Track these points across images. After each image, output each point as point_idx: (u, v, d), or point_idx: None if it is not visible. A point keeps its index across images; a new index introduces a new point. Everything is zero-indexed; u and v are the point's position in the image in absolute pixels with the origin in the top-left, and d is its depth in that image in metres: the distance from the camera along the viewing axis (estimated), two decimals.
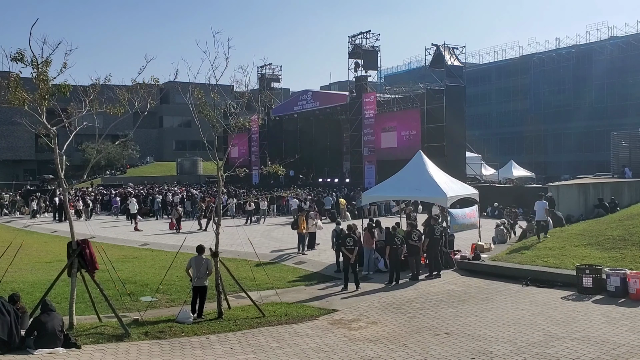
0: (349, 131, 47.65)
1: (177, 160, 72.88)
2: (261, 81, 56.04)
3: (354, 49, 45.14)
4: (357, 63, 45.12)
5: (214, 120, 13.02)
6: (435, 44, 40.45)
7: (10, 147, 77.03)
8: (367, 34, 45.21)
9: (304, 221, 21.43)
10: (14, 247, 13.02)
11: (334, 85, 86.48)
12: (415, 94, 41.82)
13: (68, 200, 13.25)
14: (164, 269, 15.35)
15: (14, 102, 11.27)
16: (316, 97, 52.91)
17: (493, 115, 71.18)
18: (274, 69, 57.46)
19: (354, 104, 45.87)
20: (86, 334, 10.50)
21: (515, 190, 36.09)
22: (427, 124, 39.18)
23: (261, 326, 11.59)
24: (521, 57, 66.77)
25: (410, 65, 78.57)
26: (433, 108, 38.78)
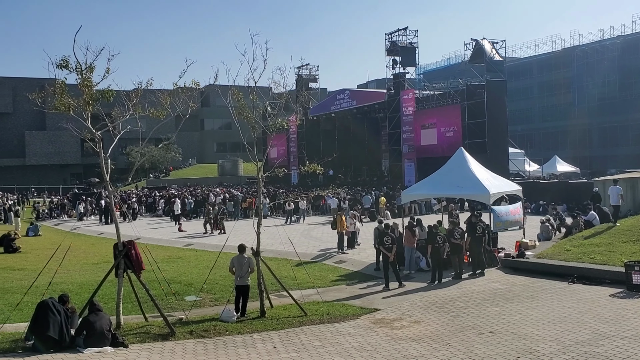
0: (388, 129, 47.40)
1: (219, 162, 73.90)
2: (298, 82, 56.30)
3: (391, 46, 44.89)
4: (394, 60, 44.86)
5: (253, 121, 13.14)
6: (475, 39, 39.88)
7: (58, 152, 79.48)
8: (404, 31, 44.90)
9: (343, 221, 21.41)
10: (62, 249, 13.41)
11: (371, 83, 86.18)
12: (455, 89, 41.28)
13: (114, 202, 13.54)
14: (207, 268, 15.58)
15: (60, 108, 11.56)
16: (353, 96, 52.81)
17: (535, 109, 69.66)
18: (311, 69, 57.65)
19: (392, 101, 45.61)
20: (133, 333, 10.73)
21: (560, 186, 35.27)
22: (467, 120, 38.64)
23: (303, 325, 11.64)
24: (563, 50, 65.16)
25: (449, 60, 77.60)
26: (474, 104, 38.23)
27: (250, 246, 12.99)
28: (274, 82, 14.21)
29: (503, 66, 39.70)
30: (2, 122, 79.34)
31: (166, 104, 12.60)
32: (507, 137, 39.94)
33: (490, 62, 38.55)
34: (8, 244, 22.85)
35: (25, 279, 15.61)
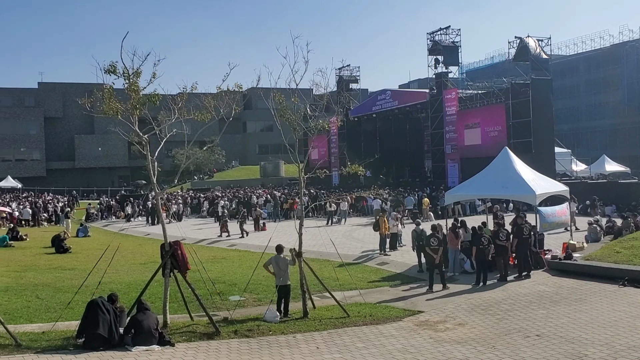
0: (430, 129, 46.93)
1: (260, 164, 74.63)
2: (339, 83, 56.32)
3: (433, 45, 44.47)
4: (437, 60, 44.42)
5: (295, 123, 13.23)
6: (519, 37, 39.09)
7: (106, 155, 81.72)
8: (446, 30, 44.42)
9: (385, 222, 21.31)
10: (111, 249, 13.78)
11: (413, 83, 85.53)
12: (499, 88, 40.56)
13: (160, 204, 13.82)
14: (250, 268, 15.75)
15: (108, 112, 11.89)
16: (395, 96, 52.50)
17: (582, 108, 67.73)
18: (352, 70, 57.59)
19: (434, 101, 45.15)
20: (179, 332, 10.94)
21: (609, 186, 34.22)
22: (512, 120, 37.92)
23: (346, 326, 11.65)
24: (612, 46, 63.18)
25: (493, 59, 76.29)
26: (518, 103, 37.49)
27: (292, 247, 13.09)
28: (315, 84, 14.28)
29: (548, 64, 38.75)
30: (53, 126, 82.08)
31: (210, 107, 12.80)
32: (554, 136, 39.01)
33: (535, 60, 37.72)
34: (59, 244, 23.62)
35: (75, 279, 16.09)
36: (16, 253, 23.15)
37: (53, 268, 18.98)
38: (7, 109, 79.65)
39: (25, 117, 79.98)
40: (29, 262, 20.54)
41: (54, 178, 77.92)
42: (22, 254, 22.96)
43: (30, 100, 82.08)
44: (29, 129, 79.87)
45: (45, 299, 13.69)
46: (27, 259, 21.45)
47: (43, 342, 9.92)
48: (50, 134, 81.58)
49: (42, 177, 77.63)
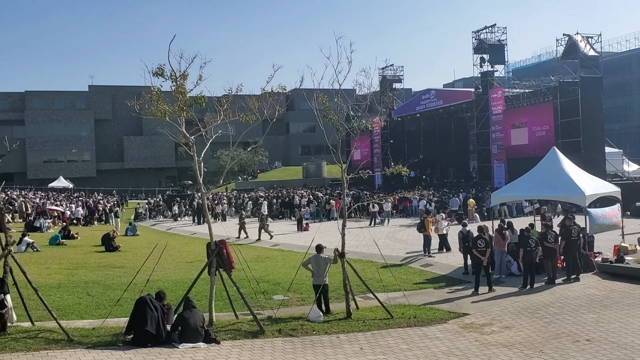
0: (476, 129, 46.20)
1: (303, 165, 74.96)
2: (383, 83, 56.06)
3: (478, 44, 43.79)
4: (482, 58, 43.73)
5: (337, 124, 13.23)
6: (567, 34, 38.09)
7: (154, 156, 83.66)
8: (492, 28, 43.68)
9: (430, 223, 21.09)
10: (159, 248, 14.08)
11: (457, 82, 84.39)
12: (547, 87, 39.60)
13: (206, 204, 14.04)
14: (294, 268, 15.85)
15: (156, 114, 12.15)
16: (439, 96, 51.91)
17: (634, 107, 65.47)
18: (395, 70, 57.23)
19: (480, 100, 44.44)
20: (224, 330, 11.09)
21: None
22: (560, 119, 36.96)
23: (390, 327, 11.59)
24: None
25: (540, 57, 74.55)
26: (567, 101, 36.52)
27: (334, 247, 13.12)
28: (358, 84, 14.26)
29: (598, 62, 37.62)
30: (103, 128, 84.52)
31: (254, 109, 12.93)
32: (604, 135, 37.86)
33: (584, 58, 36.68)
34: (109, 243, 24.30)
35: (124, 276, 16.51)
36: (68, 251, 23.92)
37: (103, 266, 19.52)
38: (60, 112, 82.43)
39: (76, 120, 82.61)
40: (80, 260, 21.19)
41: (103, 178, 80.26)
42: (73, 252, 23.71)
43: (82, 102, 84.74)
44: (80, 130, 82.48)
45: (95, 296, 14.08)
46: (78, 257, 22.13)
47: (93, 338, 10.21)
48: (101, 135, 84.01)
49: (92, 178, 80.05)
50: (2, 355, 8.92)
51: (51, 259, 20.86)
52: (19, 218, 37.48)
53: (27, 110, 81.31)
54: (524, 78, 51.88)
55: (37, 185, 68.35)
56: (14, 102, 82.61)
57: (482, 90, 44.38)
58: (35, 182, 71.85)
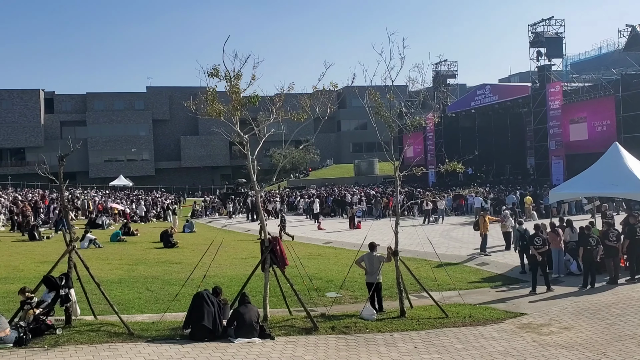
0: (533, 124, 45.02)
1: (355, 162, 74.87)
2: (436, 78, 55.36)
3: (535, 37, 42.65)
4: (539, 52, 42.58)
5: (390, 121, 13.14)
6: (630, 25, 36.59)
7: (209, 155, 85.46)
8: (549, 21, 42.47)
9: (487, 221, 20.65)
10: (215, 244, 14.35)
11: (513, 77, 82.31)
12: (608, 80, 38.14)
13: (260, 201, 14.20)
14: (346, 266, 15.85)
15: (211, 114, 12.36)
16: (495, 91, 50.81)
17: None
18: (449, 65, 56.45)
19: (537, 95, 43.24)
20: (279, 326, 11.21)
21: None
22: (622, 113, 35.52)
23: (444, 327, 11.44)
24: None
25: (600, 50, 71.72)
26: (630, 95, 35.06)
27: (387, 245, 13.05)
28: (411, 80, 14.10)
29: None
30: (161, 128, 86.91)
31: (307, 107, 12.98)
32: None
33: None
34: (167, 239, 24.95)
35: (182, 272, 16.91)
36: (128, 247, 24.71)
37: (161, 262, 20.05)
38: (120, 112, 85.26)
39: (135, 120, 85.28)
40: (139, 256, 21.84)
41: (161, 177, 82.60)
42: (133, 248, 24.47)
43: (140, 103, 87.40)
44: (139, 130, 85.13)
45: (154, 291, 14.48)
46: (138, 253, 22.82)
47: (153, 332, 10.50)
48: (159, 135, 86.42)
49: (151, 176, 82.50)
50: (67, 347, 9.30)
51: (112, 255, 21.59)
52: (82, 215, 38.98)
53: (89, 112, 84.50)
54: (583, 71, 50.15)
55: (99, 183, 70.91)
56: (76, 104, 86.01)
57: (539, 85, 43.19)
58: (97, 181, 74.57)
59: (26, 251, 21.89)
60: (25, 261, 19.12)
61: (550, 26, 42.35)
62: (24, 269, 17.33)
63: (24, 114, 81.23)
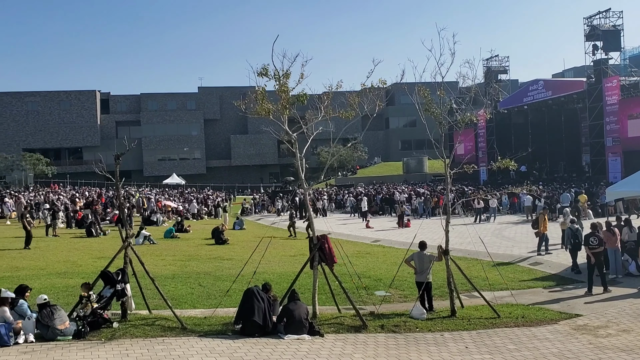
0: (588, 120, 43.58)
1: (403, 160, 74.24)
2: (487, 74, 54.30)
3: (590, 30, 41.26)
4: (595, 46, 41.19)
5: (440, 117, 12.98)
6: None
7: (258, 154, 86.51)
8: (606, 13, 41.01)
9: (546, 220, 20.06)
10: (264, 242, 14.52)
11: (567, 72, 79.86)
12: None
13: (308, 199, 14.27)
14: (395, 265, 15.76)
15: (261, 113, 12.51)
16: (548, 86, 49.43)
17: None
18: (500, 61, 55.28)
19: (592, 90, 41.81)
20: (327, 323, 11.25)
21: None
22: None
23: (496, 327, 11.24)
24: None
25: None
26: None
27: (437, 244, 12.90)
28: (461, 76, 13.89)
29: None
30: (212, 127, 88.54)
31: (355, 105, 12.96)
32: None
33: None
34: (218, 236, 25.41)
35: (233, 268, 17.19)
36: (181, 244, 25.27)
37: (213, 258, 20.42)
38: (172, 112, 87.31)
39: (187, 120, 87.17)
40: (192, 252, 22.31)
41: (212, 175, 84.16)
42: (186, 244, 25.02)
43: (192, 103, 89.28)
44: (191, 130, 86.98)
45: (206, 287, 14.76)
46: (190, 249, 23.32)
47: (205, 327, 10.72)
48: (209, 134, 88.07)
49: (202, 175, 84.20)
50: (123, 340, 9.59)
51: (166, 251, 22.14)
52: (137, 212, 40.09)
53: (143, 112, 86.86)
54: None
55: (153, 181, 72.82)
56: (131, 104, 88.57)
57: (595, 80, 41.78)
58: (151, 179, 76.59)
59: (84, 247, 22.70)
60: (83, 257, 19.84)
61: (607, 18, 40.92)
62: (82, 264, 17.98)
63: (81, 114, 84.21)
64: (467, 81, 13.93)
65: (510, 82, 60.84)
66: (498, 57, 54.65)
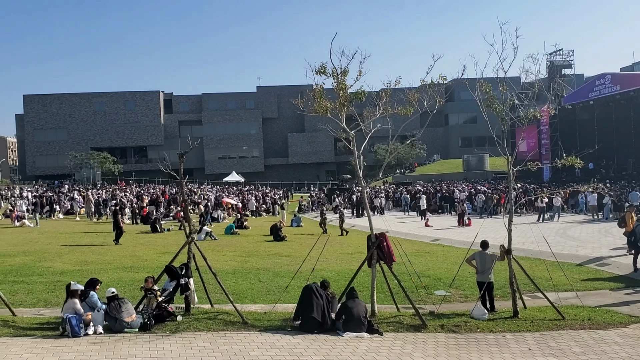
0: None
1: (463, 157, 72.90)
2: (551, 69, 52.62)
3: None
4: None
5: (502, 113, 12.67)
6: None
7: (315, 152, 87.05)
8: None
9: (633, 218, 19.18)
10: (322, 239, 14.60)
11: (637, 65, 76.34)
12: None
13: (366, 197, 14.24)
14: (455, 264, 15.52)
15: (318, 111, 12.55)
16: (616, 80, 47.39)
17: None
18: (565, 55, 53.47)
19: None
20: (386, 322, 11.19)
21: None
22: None
23: (560, 329, 10.89)
24: None
25: None
26: None
27: (499, 244, 12.62)
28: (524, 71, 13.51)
29: None
30: (270, 126, 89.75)
31: (414, 101, 12.82)
32: None
33: None
34: (276, 233, 25.72)
35: (291, 265, 17.37)
36: (241, 240, 25.74)
37: (271, 254, 20.70)
38: (232, 112, 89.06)
39: (246, 119, 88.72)
40: (251, 248, 22.68)
41: (270, 173, 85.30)
42: (245, 240, 25.46)
43: (251, 103, 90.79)
44: (249, 129, 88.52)
45: (265, 282, 14.98)
46: (249, 245, 23.72)
47: (265, 322, 10.88)
48: (267, 133, 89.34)
49: (260, 172, 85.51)
50: (187, 333, 9.87)
51: (226, 247, 22.60)
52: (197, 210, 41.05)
53: (204, 111, 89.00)
54: None
55: (213, 179, 74.48)
56: (193, 104, 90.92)
57: None
58: (212, 177, 78.41)
59: (149, 242, 23.46)
60: (148, 252, 20.51)
61: None
62: (147, 259, 18.59)
63: (145, 114, 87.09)
64: (530, 76, 13.56)
65: (575, 76, 58.70)
66: (562, 51, 52.91)
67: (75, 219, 35.78)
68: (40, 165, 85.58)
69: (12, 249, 20.67)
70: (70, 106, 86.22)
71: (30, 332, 9.70)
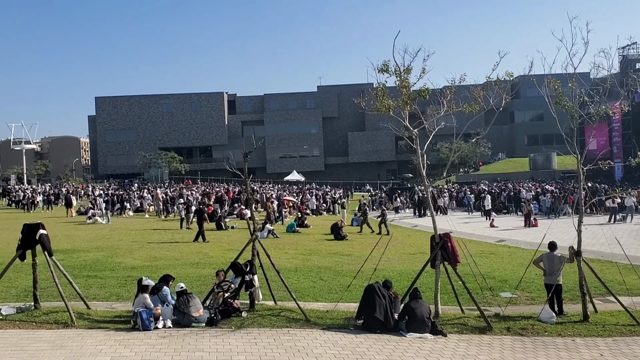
0: None
1: (530, 156, 70.80)
2: (624, 63, 50.34)
3: None
4: None
5: (572, 110, 12.23)
6: None
7: (375, 150, 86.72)
8: None
9: None
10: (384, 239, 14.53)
11: None
12: None
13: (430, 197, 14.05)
14: (521, 266, 15.11)
15: (380, 109, 12.50)
16: None
17: None
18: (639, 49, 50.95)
19: None
20: (450, 324, 11.03)
21: None
22: None
23: (635, 335, 10.43)
24: None
25: None
26: None
27: (568, 245, 12.20)
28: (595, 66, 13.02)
29: None
30: (330, 125, 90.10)
31: (480, 98, 12.56)
32: None
33: None
34: (337, 232, 25.79)
35: (352, 264, 17.39)
36: (302, 238, 25.96)
37: (332, 253, 20.78)
38: (292, 112, 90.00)
39: (307, 118, 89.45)
40: (312, 246, 22.85)
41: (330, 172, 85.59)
42: (307, 239, 25.67)
43: (311, 102, 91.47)
44: (310, 128, 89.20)
45: (327, 281, 15.06)
46: (311, 243, 23.89)
47: (327, 320, 10.94)
48: (328, 132, 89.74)
49: (320, 171, 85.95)
50: (252, 329, 10.07)
51: (288, 245, 22.86)
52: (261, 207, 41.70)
53: (266, 111, 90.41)
54: None
55: (275, 178, 75.49)
56: (255, 105, 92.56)
57: None
58: (273, 176, 79.48)
59: (214, 239, 24.03)
60: (214, 248, 21.02)
61: None
62: (213, 255, 19.07)
63: (210, 115, 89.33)
64: (601, 72, 13.06)
65: None
66: (636, 44, 50.46)
67: (144, 216, 37.14)
68: (111, 164, 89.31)
69: (86, 244, 21.67)
70: (139, 108, 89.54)
71: (104, 324, 10.16)
